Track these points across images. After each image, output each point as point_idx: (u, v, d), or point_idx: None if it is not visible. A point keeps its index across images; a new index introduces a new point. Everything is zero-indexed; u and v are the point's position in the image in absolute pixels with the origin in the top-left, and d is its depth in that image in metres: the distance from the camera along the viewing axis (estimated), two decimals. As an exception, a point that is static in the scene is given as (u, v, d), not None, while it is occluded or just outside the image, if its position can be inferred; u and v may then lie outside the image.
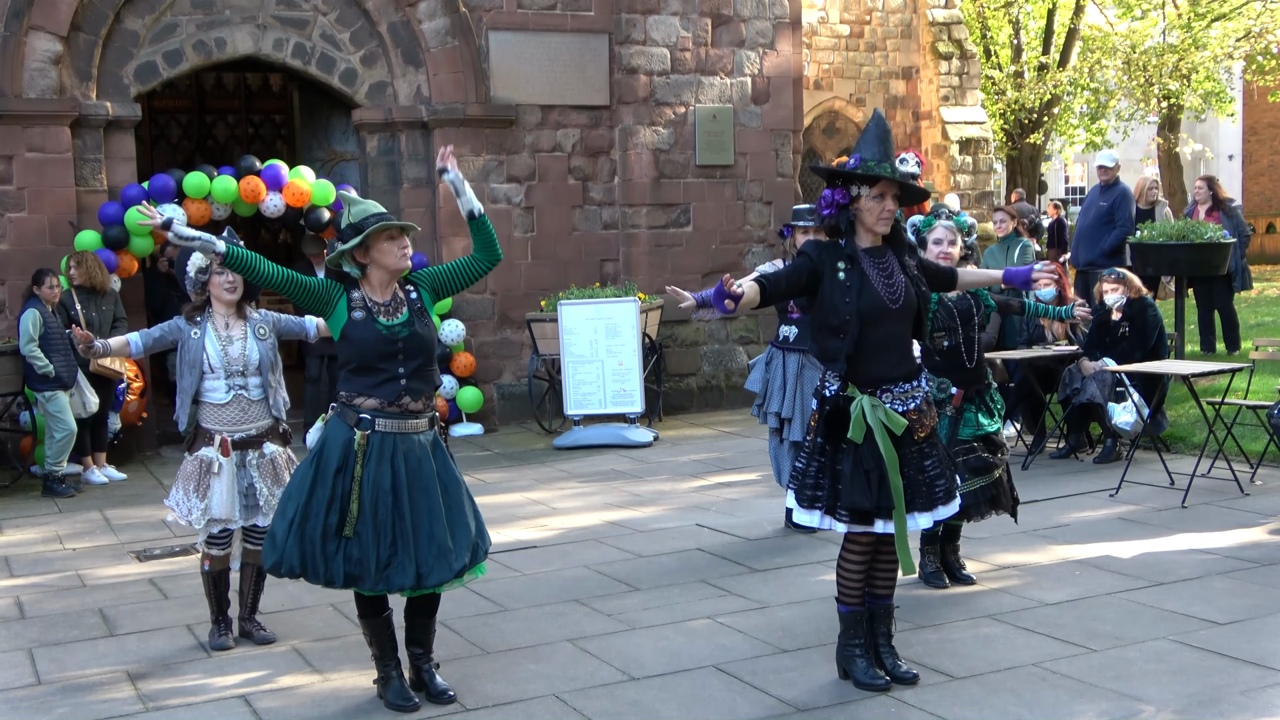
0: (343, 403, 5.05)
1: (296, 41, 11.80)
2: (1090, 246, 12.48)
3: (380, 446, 4.97)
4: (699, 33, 12.94)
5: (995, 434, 6.49)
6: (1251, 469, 8.88)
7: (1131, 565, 6.82)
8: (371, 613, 5.14)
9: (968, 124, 21.22)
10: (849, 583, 5.19)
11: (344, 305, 5.02)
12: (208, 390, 5.85)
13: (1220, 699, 4.93)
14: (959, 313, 6.41)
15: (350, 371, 5.05)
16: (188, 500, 5.84)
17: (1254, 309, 17.16)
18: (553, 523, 8.37)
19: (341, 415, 5.03)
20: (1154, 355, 9.55)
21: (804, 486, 5.09)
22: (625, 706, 5.06)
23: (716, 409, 12.97)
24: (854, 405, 4.97)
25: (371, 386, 5.00)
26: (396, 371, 5.01)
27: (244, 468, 5.88)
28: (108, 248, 10.61)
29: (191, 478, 5.85)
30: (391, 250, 5.04)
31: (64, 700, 5.34)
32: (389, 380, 5.00)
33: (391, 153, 12.24)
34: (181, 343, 5.90)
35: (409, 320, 5.07)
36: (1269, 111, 33.38)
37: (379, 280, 5.09)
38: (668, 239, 12.93)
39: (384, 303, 5.07)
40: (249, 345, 5.91)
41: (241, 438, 5.87)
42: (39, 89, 10.75)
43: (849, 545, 5.15)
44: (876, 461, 4.95)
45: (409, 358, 5.03)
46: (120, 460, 10.66)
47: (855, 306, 4.93)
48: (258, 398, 5.92)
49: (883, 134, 5.00)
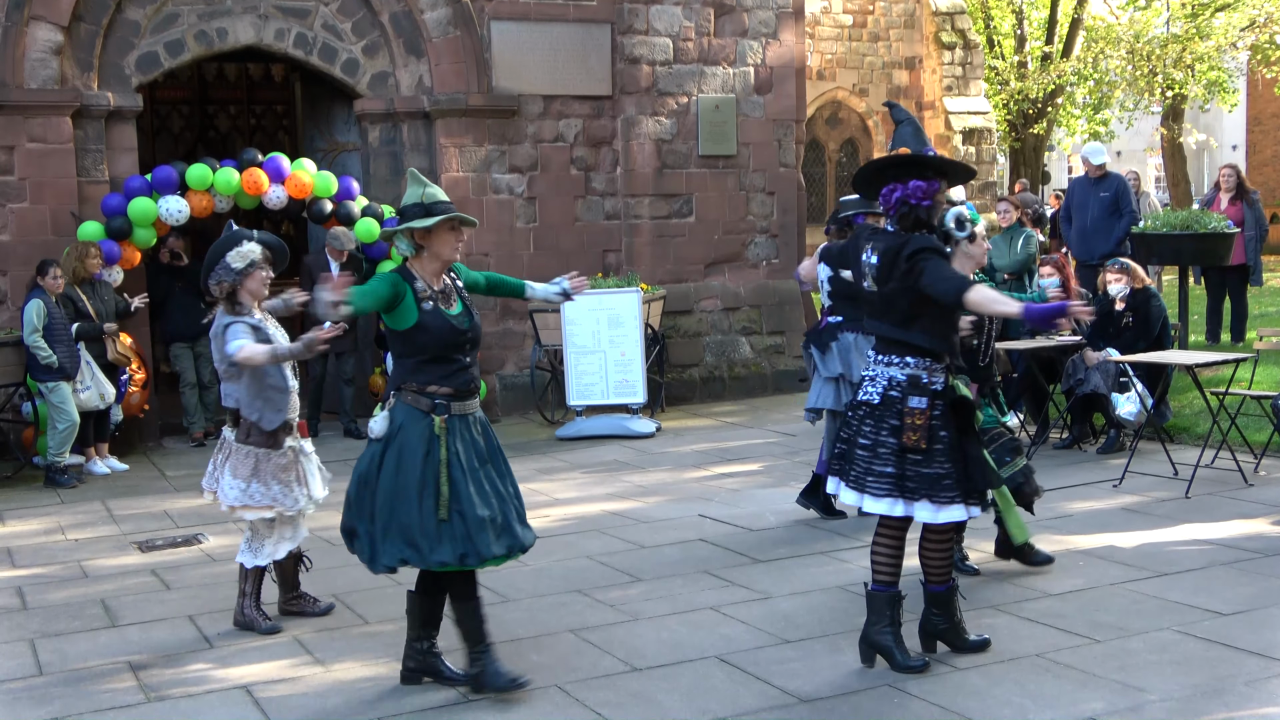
0: (414, 391, 5.03)
1: (298, 32, 11.78)
2: (1104, 239, 12.34)
3: (459, 428, 5.03)
4: (701, 22, 12.90)
5: (992, 428, 6.54)
6: (1255, 459, 8.87)
7: (1135, 556, 6.81)
8: (435, 590, 5.14)
9: (971, 114, 21.20)
10: (883, 563, 5.28)
11: (411, 297, 5.00)
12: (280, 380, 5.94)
13: (1224, 690, 4.92)
14: None
15: (420, 362, 5.03)
16: (291, 492, 5.95)
17: (1258, 300, 17.11)
18: (555, 513, 8.37)
19: (414, 403, 5.02)
20: (1158, 346, 9.54)
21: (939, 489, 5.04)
22: (628, 697, 5.05)
23: (719, 400, 12.95)
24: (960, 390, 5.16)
25: (443, 376, 5.03)
26: (465, 361, 5.10)
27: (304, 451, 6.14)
28: (110, 239, 10.59)
29: (290, 469, 5.97)
30: (450, 241, 5.09)
31: (66, 691, 5.34)
32: (459, 370, 5.07)
33: (394, 143, 12.22)
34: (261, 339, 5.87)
35: (465, 311, 5.14)
36: (1273, 102, 33.28)
37: (431, 268, 5.10)
38: (670, 229, 12.91)
39: (440, 290, 5.09)
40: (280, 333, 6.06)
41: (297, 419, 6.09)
42: (40, 79, 10.73)
43: (883, 530, 5.26)
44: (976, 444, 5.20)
45: (473, 347, 5.15)
46: (122, 451, 10.65)
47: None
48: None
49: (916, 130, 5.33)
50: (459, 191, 12.09)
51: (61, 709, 5.14)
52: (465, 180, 12.14)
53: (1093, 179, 12.62)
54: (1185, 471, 8.53)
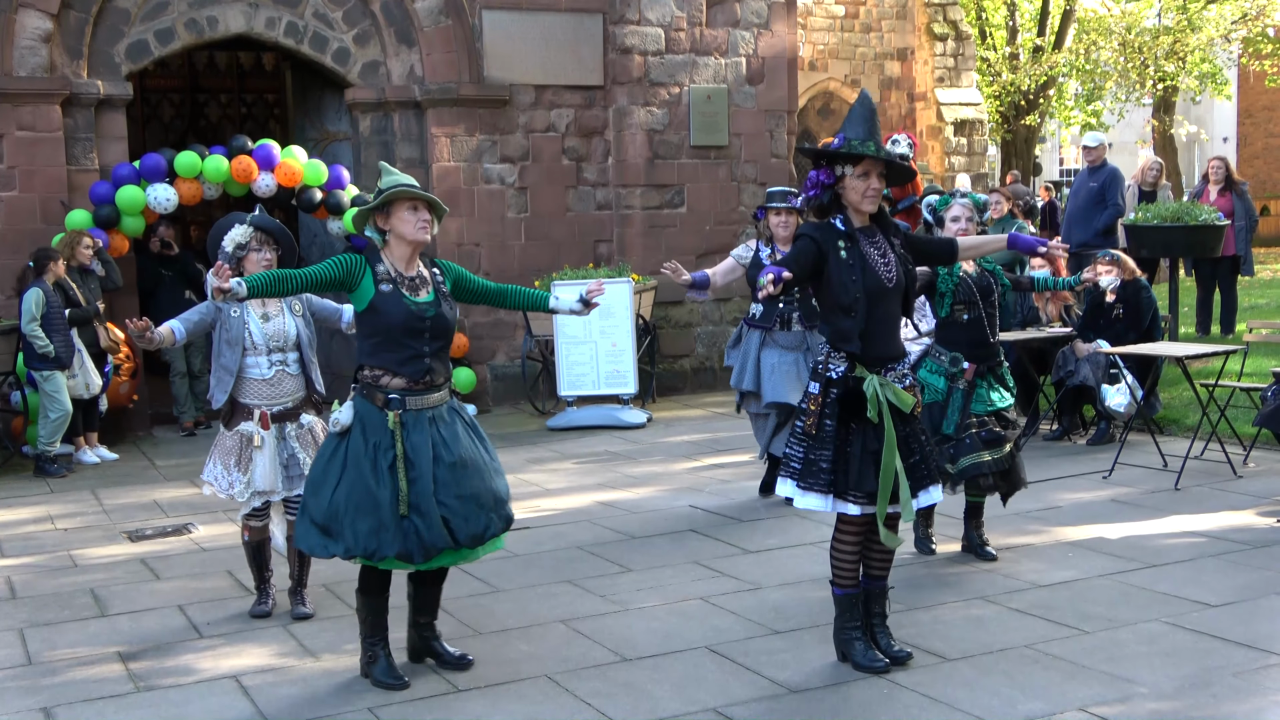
0: (367, 383, 5.02)
1: (289, 20, 11.74)
2: (1083, 228, 12.47)
3: (416, 421, 4.98)
4: (693, 12, 12.88)
5: (1006, 410, 6.52)
6: (1245, 451, 8.88)
7: (1124, 547, 6.82)
8: (380, 590, 5.15)
9: (963, 105, 21.18)
10: (843, 566, 5.18)
11: (370, 279, 4.99)
12: (250, 367, 5.91)
13: (1212, 681, 4.93)
14: (979, 289, 6.49)
15: (374, 345, 5.02)
16: (229, 475, 5.93)
17: (1248, 291, 17.15)
18: (546, 504, 8.36)
19: (368, 396, 5.00)
20: (1148, 337, 9.55)
21: (812, 472, 5.04)
22: (618, 687, 5.05)
23: (710, 390, 12.95)
24: (866, 385, 4.97)
25: (397, 363, 4.98)
26: (422, 350, 5.01)
27: (284, 440, 5.98)
28: (99, 227, 10.56)
29: (232, 452, 5.93)
30: (410, 219, 5.01)
31: (55, 680, 5.33)
32: (414, 358, 4.99)
33: (385, 132, 12.18)
34: (220, 322, 5.91)
35: (435, 300, 5.06)
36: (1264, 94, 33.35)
37: (400, 253, 5.06)
38: (661, 220, 12.89)
39: (409, 276, 5.04)
40: (286, 321, 5.98)
41: (280, 410, 5.96)
42: (29, 67, 10.69)
43: (843, 528, 5.14)
44: (880, 443, 4.96)
45: (434, 337, 5.04)
46: (112, 441, 10.63)
47: (862, 284, 4.95)
48: (296, 373, 6.01)
49: (868, 113, 5.01)
50: (450, 181, 12.08)
51: (50, 698, 5.12)
52: (456, 170, 12.12)
53: (1091, 167, 12.67)
54: (1175, 463, 8.55)
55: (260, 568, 6.17)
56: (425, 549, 4.91)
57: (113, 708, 5.02)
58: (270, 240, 5.95)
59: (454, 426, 5.09)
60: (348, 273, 4.99)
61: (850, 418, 5.01)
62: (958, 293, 6.44)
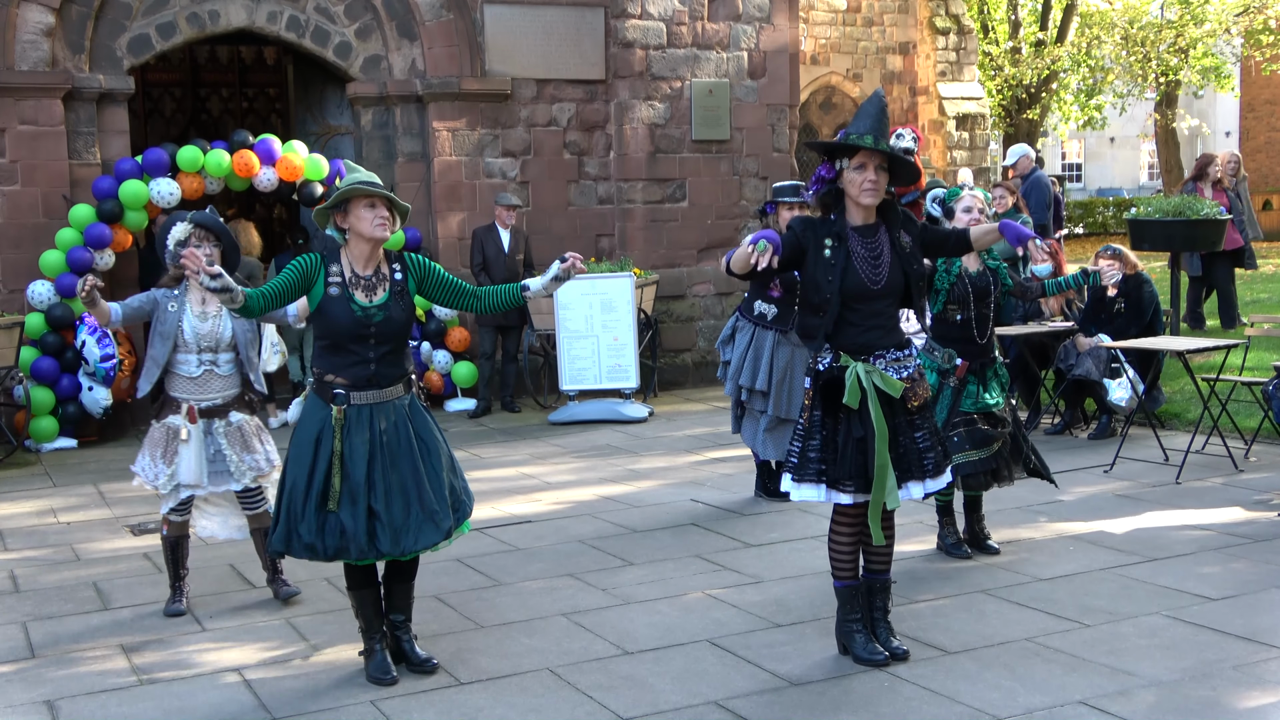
0: (317, 378, 5.04)
1: (290, 14, 11.74)
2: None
3: (358, 419, 4.97)
4: (695, 7, 12.87)
5: (997, 409, 6.51)
6: (1246, 445, 8.89)
7: (1125, 541, 6.83)
8: (361, 584, 5.16)
9: (965, 99, 21.16)
10: (841, 557, 5.18)
11: (321, 280, 4.98)
12: (179, 362, 5.94)
13: (1213, 674, 4.94)
14: (976, 290, 6.45)
15: (322, 347, 5.04)
16: (154, 466, 5.98)
17: (1249, 286, 17.16)
18: (547, 497, 8.37)
19: (318, 391, 5.03)
20: (1149, 331, 9.55)
21: (805, 463, 5.06)
22: (619, 680, 5.06)
23: (711, 384, 12.94)
24: (848, 372, 4.97)
25: (342, 367, 4.98)
26: (366, 355, 4.97)
27: (210, 435, 5.98)
28: (101, 221, 10.57)
29: (159, 444, 5.98)
30: (368, 217, 4.95)
31: (58, 673, 5.34)
32: (359, 363, 4.98)
33: (386, 127, 12.19)
34: (157, 314, 5.94)
35: (386, 302, 5.00)
36: (1266, 88, 33.34)
37: (359, 251, 5.03)
38: (663, 214, 12.89)
39: (365, 276, 5.01)
40: (223, 323, 5.98)
41: (208, 406, 5.98)
42: (31, 61, 10.69)
43: (838, 519, 5.15)
44: (868, 431, 4.96)
45: (380, 342, 4.98)
46: (114, 435, 10.64)
47: (837, 286, 4.93)
48: (228, 373, 6.02)
49: (876, 110, 4.99)
50: (452, 176, 12.08)
51: (53, 691, 5.14)
52: (458, 164, 12.12)
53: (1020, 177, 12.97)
54: (1176, 457, 8.56)
55: (176, 564, 6.14)
56: (339, 549, 4.93)
57: (115, 700, 5.03)
58: (211, 236, 5.93)
59: (402, 431, 5.02)
60: (304, 275, 4.99)
61: (836, 407, 5.02)
62: (952, 292, 6.42)
